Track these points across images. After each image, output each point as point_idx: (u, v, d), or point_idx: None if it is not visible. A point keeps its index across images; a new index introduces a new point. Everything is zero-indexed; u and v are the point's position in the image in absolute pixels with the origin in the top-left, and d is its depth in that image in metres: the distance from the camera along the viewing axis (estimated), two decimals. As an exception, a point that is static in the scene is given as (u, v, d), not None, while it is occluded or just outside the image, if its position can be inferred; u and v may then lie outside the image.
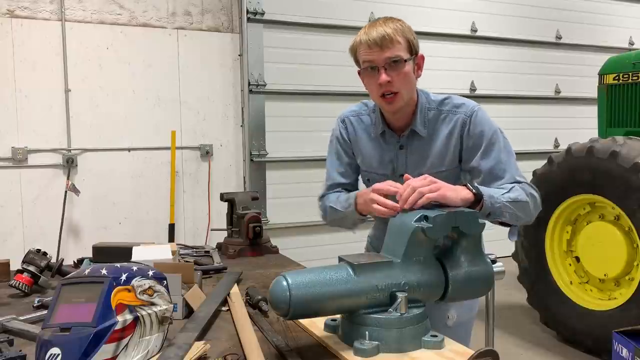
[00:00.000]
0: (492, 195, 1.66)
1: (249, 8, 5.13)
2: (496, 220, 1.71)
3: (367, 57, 1.76)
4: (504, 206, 1.67)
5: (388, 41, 1.71)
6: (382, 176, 1.90)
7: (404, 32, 1.75)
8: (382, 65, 1.73)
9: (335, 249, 2.30)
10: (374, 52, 1.74)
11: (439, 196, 1.54)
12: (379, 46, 1.72)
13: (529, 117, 6.57)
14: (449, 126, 1.82)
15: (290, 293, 1.30)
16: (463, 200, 1.59)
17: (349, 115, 1.99)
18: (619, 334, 1.62)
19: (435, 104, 1.85)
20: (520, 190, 1.73)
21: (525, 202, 1.73)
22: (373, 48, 1.73)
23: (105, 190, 4.79)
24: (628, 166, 3.53)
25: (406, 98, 1.79)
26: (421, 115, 1.83)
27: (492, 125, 1.82)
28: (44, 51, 4.54)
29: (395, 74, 1.74)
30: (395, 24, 1.76)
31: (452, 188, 1.60)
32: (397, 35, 1.73)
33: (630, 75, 4.23)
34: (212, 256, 2.55)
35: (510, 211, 1.69)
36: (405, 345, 1.35)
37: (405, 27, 1.77)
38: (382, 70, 1.74)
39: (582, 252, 4.03)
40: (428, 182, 1.57)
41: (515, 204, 1.70)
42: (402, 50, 1.74)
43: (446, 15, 6.05)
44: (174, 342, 1.38)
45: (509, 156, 1.81)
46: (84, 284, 1.31)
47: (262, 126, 5.27)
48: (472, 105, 1.84)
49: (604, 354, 3.65)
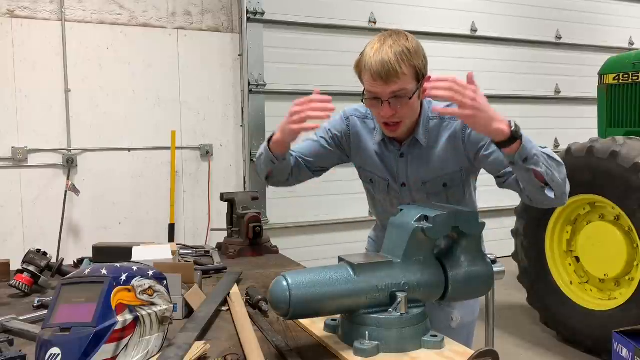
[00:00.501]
0: (531, 140, 1.53)
1: (249, 8, 5.13)
2: (531, 168, 1.54)
3: (371, 88, 1.68)
4: (542, 156, 1.54)
5: (393, 75, 1.61)
6: (383, 180, 1.89)
7: (411, 59, 1.63)
8: (386, 99, 1.65)
9: (335, 249, 2.31)
10: (378, 85, 1.64)
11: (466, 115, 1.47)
12: (383, 80, 1.62)
13: (529, 117, 6.56)
14: (449, 132, 1.79)
15: (290, 293, 1.30)
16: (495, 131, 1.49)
17: (354, 115, 1.94)
18: (619, 334, 1.63)
19: (437, 112, 1.80)
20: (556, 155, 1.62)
21: (561, 163, 1.61)
22: (377, 81, 1.63)
23: (105, 190, 4.79)
24: (628, 166, 3.53)
25: (408, 124, 1.76)
26: (424, 124, 1.80)
27: None
28: (44, 51, 4.54)
29: (400, 106, 1.67)
30: (402, 47, 1.63)
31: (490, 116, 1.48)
32: (403, 65, 1.61)
33: (630, 75, 4.23)
34: (212, 256, 2.55)
35: (546, 163, 1.55)
36: (405, 345, 1.36)
37: (412, 49, 1.65)
38: (385, 104, 1.66)
39: (582, 252, 4.03)
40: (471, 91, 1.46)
41: (552, 160, 1.57)
42: (408, 81, 1.64)
43: (446, 15, 6.04)
44: (174, 342, 1.38)
45: None
46: (84, 284, 1.31)
47: (262, 126, 5.27)
48: None
49: (604, 354, 3.65)
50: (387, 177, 1.89)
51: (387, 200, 1.94)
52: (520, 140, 1.50)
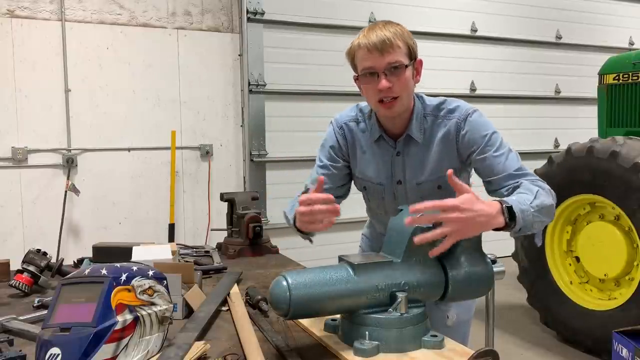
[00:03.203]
0: (523, 209, 1.51)
1: (249, 8, 5.13)
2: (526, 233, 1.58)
3: (367, 62, 1.70)
4: (534, 216, 1.54)
5: (388, 45, 1.66)
6: (377, 185, 1.87)
7: (404, 37, 1.70)
8: (382, 70, 1.68)
9: (335, 249, 2.30)
10: (374, 57, 1.68)
11: (459, 236, 1.41)
12: (379, 50, 1.66)
13: (529, 117, 6.57)
14: (444, 131, 1.78)
15: (290, 293, 1.30)
16: (491, 227, 1.47)
17: (346, 121, 1.92)
18: (619, 334, 1.62)
19: (430, 108, 1.81)
20: (545, 193, 1.62)
21: (551, 205, 1.63)
22: (373, 52, 1.67)
23: (105, 190, 4.79)
24: (628, 166, 3.53)
25: (405, 103, 1.75)
26: (417, 121, 1.80)
27: (487, 126, 1.76)
28: (44, 51, 4.54)
29: (396, 80, 1.69)
30: (395, 28, 1.70)
31: (483, 221, 1.43)
32: (398, 40, 1.67)
33: (630, 75, 4.23)
34: (212, 256, 2.55)
35: (538, 220, 1.57)
36: (405, 345, 1.36)
37: (404, 31, 1.72)
38: (382, 76, 1.68)
39: (582, 252, 4.03)
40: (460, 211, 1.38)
41: (542, 210, 1.58)
42: (402, 55, 1.69)
43: (446, 15, 6.05)
44: (174, 342, 1.38)
45: (508, 152, 1.74)
46: (84, 284, 1.31)
47: (262, 126, 5.27)
48: (466, 108, 1.79)
49: (604, 354, 3.65)
50: (381, 181, 1.87)
51: (381, 207, 1.93)
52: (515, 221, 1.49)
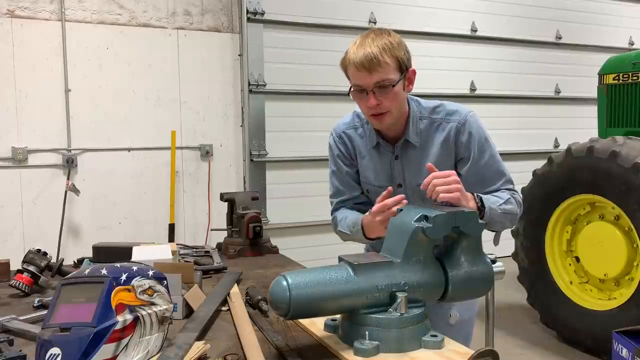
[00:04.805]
0: (492, 207, 1.72)
1: (249, 8, 5.13)
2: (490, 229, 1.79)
3: (356, 79, 1.72)
4: (499, 216, 1.75)
5: (375, 64, 1.66)
6: (378, 188, 1.88)
7: (393, 50, 1.69)
8: (371, 89, 1.70)
9: (335, 249, 2.29)
10: (362, 75, 1.69)
11: (452, 198, 1.58)
12: (367, 69, 1.67)
13: (529, 117, 6.57)
14: (443, 134, 1.81)
15: (290, 293, 1.30)
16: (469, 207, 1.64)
17: (344, 129, 1.96)
18: (619, 334, 1.62)
19: (427, 111, 1.83)
20: (514, 203, 1.81)
21: (515, 214, 1.81)
22: (361, 71, 1.68)
23: (105, 190, 4.79)
24: (628, 166, 3.53)
25: (396, 115, 1.77)
26: (413, 125, 1.82)
27: (483, 133, 1.82)
28: (44, 51, 4.54)
29: (384, 97, 1.70)
30: (384, 41, 1.69)
31: (465, 196, 1.63)
32: (385, 56, 1.67)
33: (630, 75, 4.23)
34: (212, 256, 2.55)
35: (501, 221, 1.77)
36: (405, 345, 1.35)
37: (395, 42, 1.70)
38: (370, 94, 1.70)
39: (582, 252, 4.03)
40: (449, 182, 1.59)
41: (507, 215, 1.77)
42: (391, 71, 1.69)
43: (446, 15, 6.04)
44: (174, 342, 1.38)
45: (499, 163, 1.84)
46: (84, 284, 1.31)
47: (262, 126, 5.27)
48: (465, 112, 1.82)
49: (604, 354, 3.65)
50: (382, 184, 1.88)
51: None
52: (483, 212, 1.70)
